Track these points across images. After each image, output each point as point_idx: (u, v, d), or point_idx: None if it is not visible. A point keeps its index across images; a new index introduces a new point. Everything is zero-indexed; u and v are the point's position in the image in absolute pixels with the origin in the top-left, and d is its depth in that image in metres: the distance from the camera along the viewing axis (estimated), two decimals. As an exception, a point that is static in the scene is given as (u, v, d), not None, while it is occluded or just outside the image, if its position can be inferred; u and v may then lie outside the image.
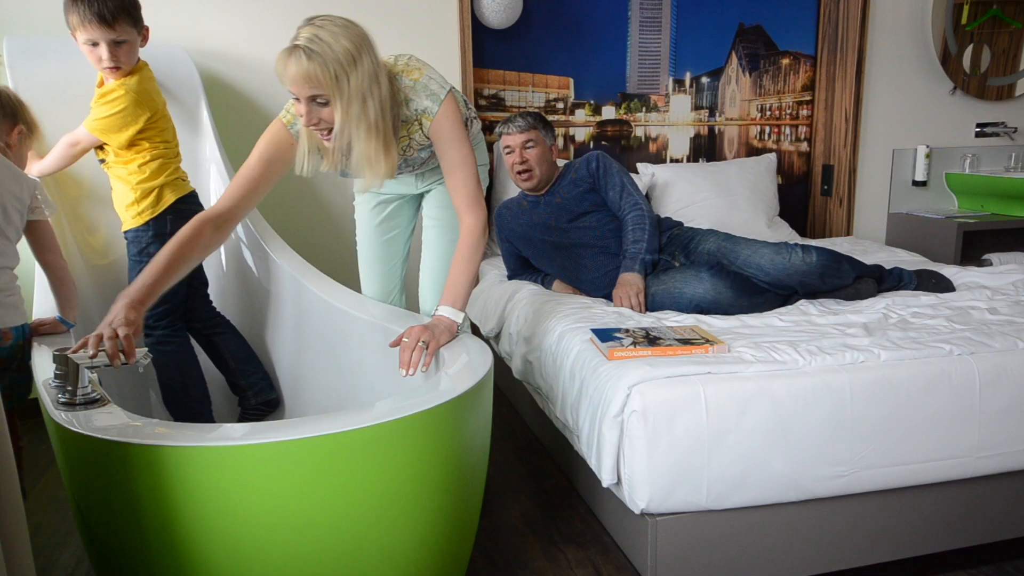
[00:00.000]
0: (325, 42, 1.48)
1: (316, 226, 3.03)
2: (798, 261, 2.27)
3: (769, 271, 2.26)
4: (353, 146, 1.59)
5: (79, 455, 1.26)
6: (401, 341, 1.59)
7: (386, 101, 1.59)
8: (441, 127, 1.69)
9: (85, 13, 1.92)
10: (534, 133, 2.49)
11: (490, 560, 1.85)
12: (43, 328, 1.75)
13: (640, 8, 3.36)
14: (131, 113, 2.04)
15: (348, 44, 1.51)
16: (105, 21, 1.94)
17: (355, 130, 1.56)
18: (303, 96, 1.52)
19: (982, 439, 1.74)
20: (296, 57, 1.48)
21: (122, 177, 2.12)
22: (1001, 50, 3.71)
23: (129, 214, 2.14)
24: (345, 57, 1.50)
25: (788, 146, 3.70)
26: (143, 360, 1.39)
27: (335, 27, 1.51)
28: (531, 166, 2.49)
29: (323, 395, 2.18)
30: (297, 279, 2.22)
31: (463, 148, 1.72)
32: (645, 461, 1.60)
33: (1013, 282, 2.41)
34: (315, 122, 1.56)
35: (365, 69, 1.53)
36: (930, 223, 3.53)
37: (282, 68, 1.51)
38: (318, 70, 1.48)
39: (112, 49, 1.98)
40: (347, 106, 1.53)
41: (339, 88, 1.51)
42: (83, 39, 1.97)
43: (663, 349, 1.80)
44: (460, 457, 1.40)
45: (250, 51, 2.83)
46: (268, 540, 1.22)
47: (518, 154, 2.49)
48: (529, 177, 2.50)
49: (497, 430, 2.60)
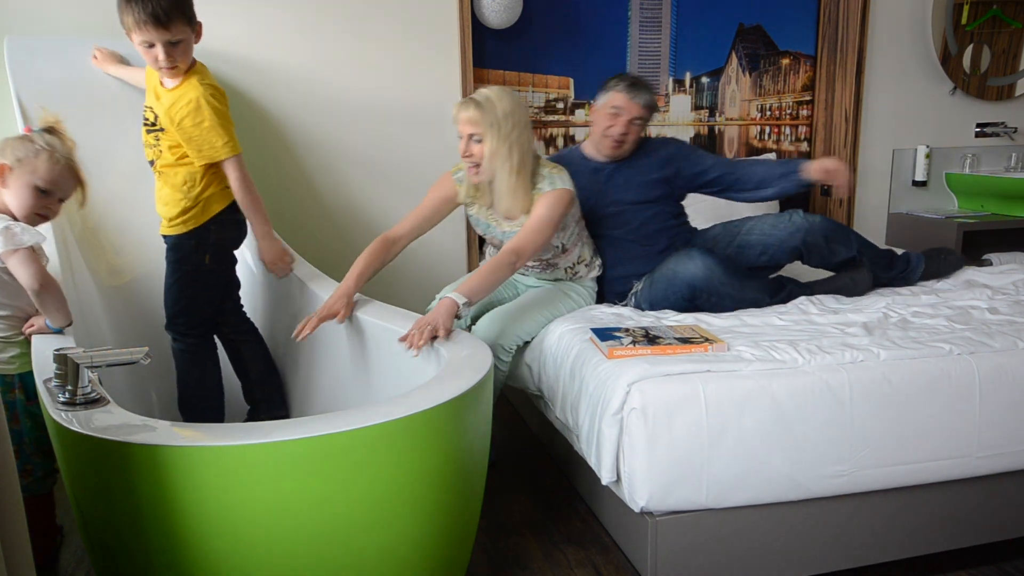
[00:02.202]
0: (491, 99, 2.01)
1: (316, 225, 3.03)
2: (799, 219, 2.31)
3: (771, 233, 2.30)
4: (497, 178, 2.06)
5: (79, 455, 1.26)
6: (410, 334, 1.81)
7: (527, 155, 2.06)
8: (543, 201, 2.07)
9: (140, 14, 1.88)
10: (648, 114, 2.39)
11: (490, 560, 1.85)
12: (30, 329, 1.75)
13: (640, 8, 3.36)
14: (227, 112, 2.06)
15: (508, 104, 2.01)
16: (160, 22, 1.89)
17: (500, 167, 2.04)
18: (465, 133, 2.03)
19: (982, 439, 1.74)
20: (467, 105, 2.02)
21: (176, 185, 2.07)
22: (1001, 50, 3.71)
23: (175, 220, 2.10)
24: (502, 112, 2.00)
25: (788, 146, 3.69)
26: (143, 360, 1.39)
27: (502, 92, 2.04)
28: (627, 140, 2.38)
29: (328, 400, 2.18)
30: (313, 291, 2.20)
31: (544, 222, 2.05)
32: (645, 459, 1.60)
33: (1013, 282, 2.41)
34: (468, 154, 2.05)
35: (515, 122, 2.02)
36: (930, 223, 3.53)
37: (457, 112, 2.04)
38: (480, 116, 1.99)
39: (168, 49, 1.93)
40: (497, 147, 2.01)
41: (493, 132, 2.00)
42: (138, 40, 1.93)
43: (663, 348, 1.80)
44: (460, 457, 1.40)
45: (252, 53, 2.83)
46: (268, 540, 1.22)
47: (624, 124, 2.35)
48: (620, 147, 2.39)
49: (497, 430, 2.60)
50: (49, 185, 1.73)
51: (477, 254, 3.10)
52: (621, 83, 2.38)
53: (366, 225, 3.07)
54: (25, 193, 1.72)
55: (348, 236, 3.06)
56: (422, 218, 2.22)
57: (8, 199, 1.72)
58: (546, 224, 2.05)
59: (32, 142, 1.73)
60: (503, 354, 2.15)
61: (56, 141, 1.76)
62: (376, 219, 3.08)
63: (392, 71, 2.99)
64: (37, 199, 1.73)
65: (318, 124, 2.95)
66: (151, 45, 1.93)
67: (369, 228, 3.08)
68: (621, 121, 2.35)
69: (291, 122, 2.92)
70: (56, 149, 1.74)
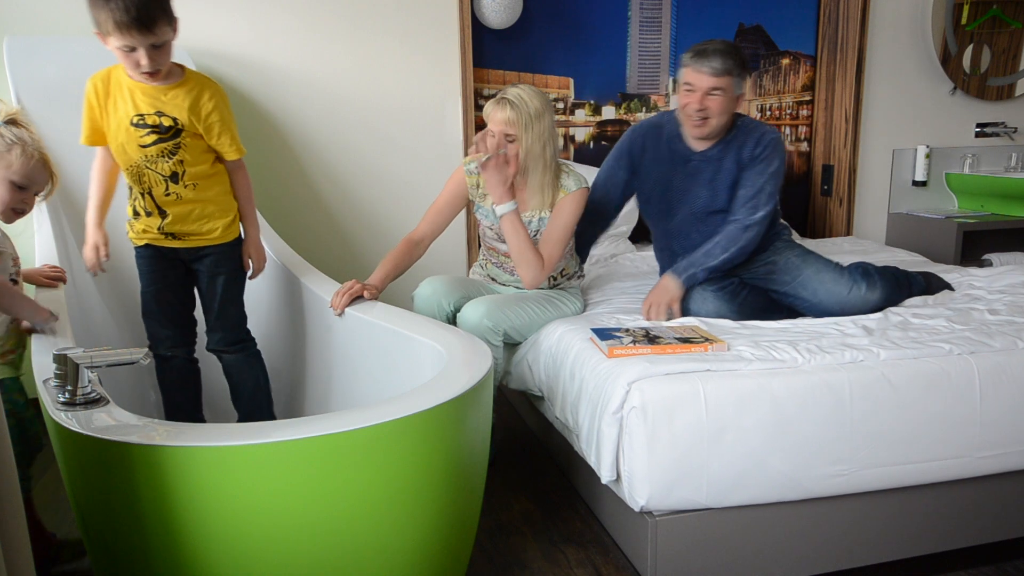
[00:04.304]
0: (523, 98, 2.06)
1: (316, 225, 3.03)
2: (857, 299, 2.15)
3: (823, 300, 2.18)
4: (530, 175, 2.14)
5: (79, 455, 1.26)
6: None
7: (557, 151, 2.16)
8: (565, 206, 2.16)
9: (120, 16, 1.69)
10: (725, 81, 2.12)
11: (490, 560, 1.85)
12: (25, 326, 1.74)
13: (640, 8, 3.36)
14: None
15: (539, 102, 2.08)
16: (144, 25, 1.71)
17: (534, 165, 2.12)
18: (500, 132, 2.08)
19: (982, 439, 1.74)
20: (502, 106, 2.07)
21: (225, 187, 2.00)
22: (1001, 50, 3.71)
23: (230, 226, 2.02)
24: (535, 111, 2.07)
25: (788, 146, 3.70)
26: (143, 360, 1.38)
27: (531, 90, 2.09)
28: (710, 115, 2.15)
29: (328, 399, 2.18)
30: (321, 297, 2.19)
31: (568, 230, 2.18)
32: (644, 458, 1.60)
33: (1013, 283, 2.41)
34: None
35: (546, 123, 2.10)
36: (930, 223, 3.53)
37: (491, 111, 2.09)
38: (516, 117, 2.05)
39: (151, 53, 1.76)
40: (531, 145, 2.08)
41: (528, 131, 2.07)
42: (117, 44, 1.75)
43: (662, 347, 1.80)
44: (460, 457, 1.40)
45: (251, 52, 2.83)
46: (268, 540, 1.22)
47: (698, 100, 2.14)
48: (704, 124, 2.17)
49: (497, 430, 2.60)
50: (25, 180, 1.68)
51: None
52: (688, 54, 2.18)
53: (366, 224, 3.08)
54: (0, 189, 1.67)
55: (348, 235, 3.07)
56: (438, 213, 2.26)
57: None
58: (565, 237, 2.17)
59: (1, 136, 1.67)
60: (493, 337, 2.08)
61: (24, 134, 1.70)
62: (376, 218, 3.08)
63: (392, 71, 2.99)
64: (13, 194, 1.68)
65: (317, 123, 2.95)
66: (132, 49, 1.76)
67: (369, 227, 3.08)
68: (695, 97, 2.14)
69: (290, 122, 2.92)
70: (27, 143, 1.68)
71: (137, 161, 1.90)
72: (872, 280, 2.20)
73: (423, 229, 2.26)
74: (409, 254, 2.21)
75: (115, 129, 1.90)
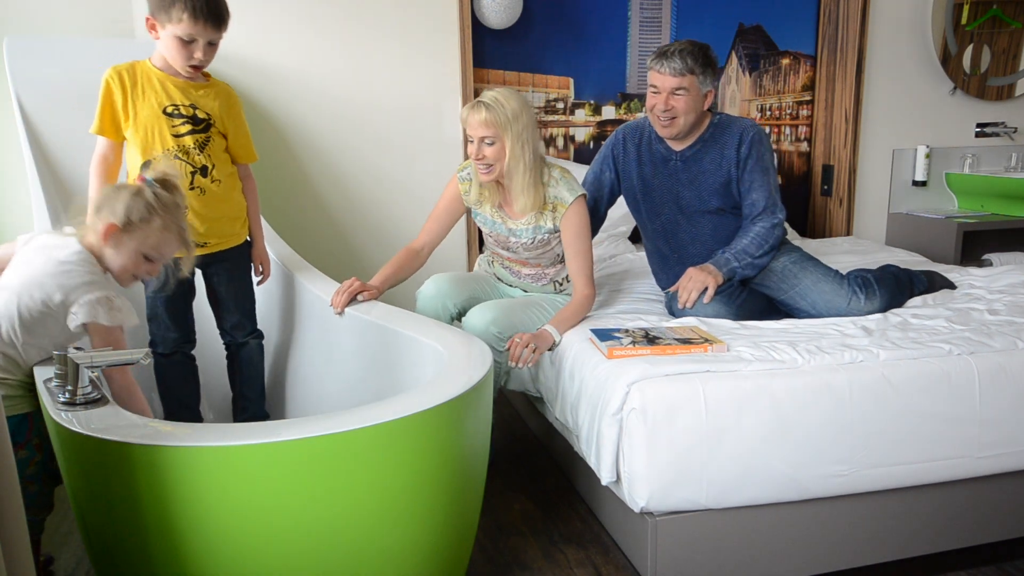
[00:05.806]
0: (499, 100, 2.02)
1: (316, 225, 3.03)
2: (856, 312, 2.15)
3: (821, 313, 2.17)
4: (512, 177, 2.08)
5: (79, 455, 1.26)
6: (513, 341, 2.00)
7: (538, 152, 2.10)
8: (571, 220, 2.11)
9: (200, 9, 1.76)
10: (689, 80, 2.15)
11: (490, 560, 1.85)
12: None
13: (640, 8, 3.36)
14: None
15: (515, 103, 2.03)
16: (217, 19, 1.80)
17: (515, 167, 2.06)
18: (477, 136, 2.03)
19: (982, 439, 1.74)
20: (477, 109, 2.02)
21: (239, 187, 2.08)
22: (1001, 50, 3.71)
23: (244, 224, 2.11)
24: (512, 112, 2.01)
25: (788, 146, 3.70)
26: (143, 360, 1.39)
27: (508, 92, 2.05)
28: (676, 114, 2.19)
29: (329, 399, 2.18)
30: (320, 297, 2.19)
31: (586, 241, 2.15)
32: (644, 459, 1.61)
33: (1012, 283, 2.41)
34: (480, 157, 2.05)
35: (524, 123, 2.04)
36: (930, 223, 3.53)
37: (466, 115, 2.04)
38: (492, 119, 2.00)
39: (207, 49, 1.85)
40: (512, 146, 2.03)
41: (506, 133, 2.02)
42: (180, 32, 1.79)
43: (662, 348, 1.80)
44: (460, 457, 1.40)
45: (251, 52, 2.83)
46: (268, 540, 1.22)
47: (663, 100, 2.18)
48: (672, 124, 2.20)
49: (497, 430, 2.60)
50: (156, 254, 1.61)
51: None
52: (652, 56, 2.22)
53: (365, 224, 3.08)
54: (129, 257, 1.58)
55: (347, 235, 3.07)
56: (436, 221, 2.27)
57: (108, 255, 1.57)
58: (589, 250, 2.16)
59: (145, 200, 1.57)
60: (498, 344, 2.05)
61: (170, 201, 1.60)
62: (375, 218, 3.08)
63: (391, 70, 2.99)
64: (141, 265, 1.60)
65: (317, 123, 2.95)
66: (191, 41, 1.81)
67: (368, 227, 3.08)
68: (661, 98, 2.18)
69: (290, 121, 2.93)
70: (171, 216, 1.60)
71: (170, 147, 1.92)
72: (871, 290, 2.21)
73: (423, 239, 2.27)
74: (410, 262, 2.23)
75: (145, 116, 1.91)
